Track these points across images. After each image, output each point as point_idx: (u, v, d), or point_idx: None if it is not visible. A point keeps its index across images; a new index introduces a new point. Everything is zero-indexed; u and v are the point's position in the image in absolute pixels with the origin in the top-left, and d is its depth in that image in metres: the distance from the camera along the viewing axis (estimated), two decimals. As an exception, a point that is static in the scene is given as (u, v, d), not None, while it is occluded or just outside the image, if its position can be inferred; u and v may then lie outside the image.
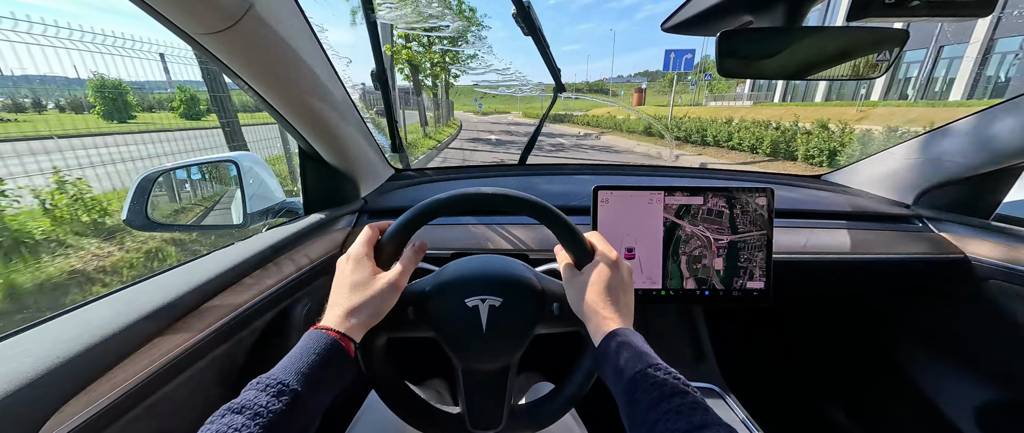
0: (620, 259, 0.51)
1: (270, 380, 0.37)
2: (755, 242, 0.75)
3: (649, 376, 0.38)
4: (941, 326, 1.02)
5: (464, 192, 0.52)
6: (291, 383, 0.37)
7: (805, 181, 1.27)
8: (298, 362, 0.40)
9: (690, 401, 0.36)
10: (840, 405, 1.24)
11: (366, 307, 0.47)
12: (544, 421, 0.57)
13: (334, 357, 0.42)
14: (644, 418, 0.36)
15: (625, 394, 0.39)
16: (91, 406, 0.42)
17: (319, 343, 0.42)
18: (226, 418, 0.33)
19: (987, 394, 0.94)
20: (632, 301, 0.51)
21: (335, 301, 0.48)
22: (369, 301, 0.48)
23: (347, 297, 0.47)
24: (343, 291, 0.48)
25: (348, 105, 0.87)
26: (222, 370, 0.65)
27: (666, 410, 0.35)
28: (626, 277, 0.51)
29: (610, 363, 0.42)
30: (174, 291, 0.55)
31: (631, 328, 0.46)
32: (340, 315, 0.46)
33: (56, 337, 0.44)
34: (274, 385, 0.37)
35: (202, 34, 0.50)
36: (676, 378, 0.38)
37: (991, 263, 0.87)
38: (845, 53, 0.52)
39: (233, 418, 0.33)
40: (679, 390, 0.37)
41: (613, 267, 0.50)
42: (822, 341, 1.30)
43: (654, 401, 0.36)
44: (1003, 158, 0.88)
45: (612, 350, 0.43)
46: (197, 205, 1.19)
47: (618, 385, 0.41)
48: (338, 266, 0.50)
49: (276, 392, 0.36)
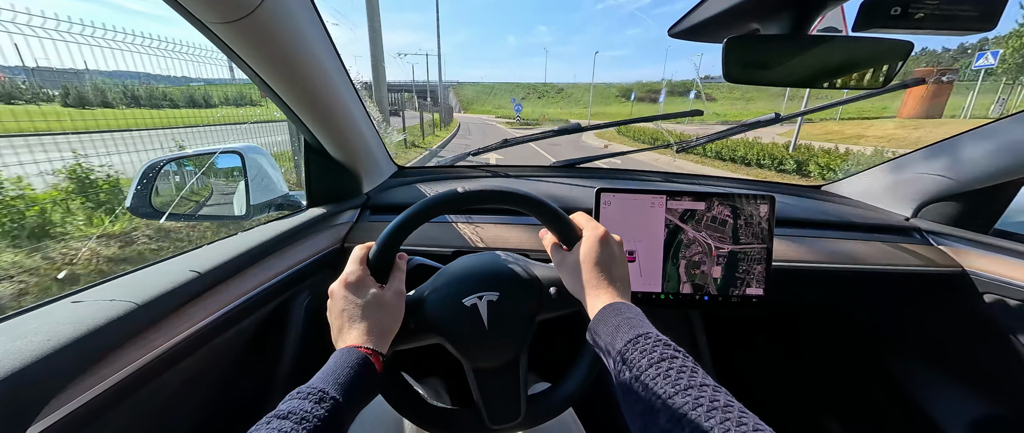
0: (608, 234, 0.51)
1: (310, 389, 0.38)
2: (755, 255, 0.76)
3: (640, 342, 0.39)
4: (938, 339, 1.03)
5: (442, 195, 0.53)
6: (330, 392, 0.38)
7: (806, 191, 1.28)
8: (335, 374, 0.40)
9: (679, 365, 0.36)
10: (835, 414, 1.24)
11: (384, 322, 0.49)
12: (558, 408, 0.57)
13: (366, 371, 0.43)
14: (635, 382, 0.36)
15: (618, 361, 0.40)
16: (91, 390, 0.43)
17: (352, 357, 0.43)
18: (272, 424, 0.34)
19: (982, 408, 0.94)
20: (626, 274, 0.51)
21: (348, 322, 0.48)
22: (385, 316, 0.49)
23: (362, 317, 0.48)
24: (354, 312, 0.48)
25: (355, 100, 0.88)
26: (222, 358, 0.66)
27: (655, 374, 0.35)
28: (616, 251, 0.51)
29: (605, 333, 0.43)
30: (175, 279, 0.56)
31: (626, 301, 0.46)
32: (362, 333, 0.46)
33: (57, 321, 0.44)
34: (315, 393, 0.37)
35: (216, 23, 0.51)
36: (667, 344, 0.39)
37: (989, 278, 0.88)
38: (850, 63, 0.53)
39: (281, 423, 0.34)
40: (669, 354, 0.37)
41: (602, 242, 0.50)
42: (819, 350, 1.30)
43: (644, 366, 0.36)
44: (1002, 173, 0.89)
45: (606, 321, 0.43)
46: (201, 195, 1.19)
47: (610, 354, 0.41)
48: (335, 293, 0.50)
49: (318, 399, 0.37)
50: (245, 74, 0.63)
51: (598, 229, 0.51)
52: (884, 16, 0.46)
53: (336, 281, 0.51)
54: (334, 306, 0.49)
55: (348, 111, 0.85)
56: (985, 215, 0.99)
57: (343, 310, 0.48)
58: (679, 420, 0.31)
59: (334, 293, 0.50)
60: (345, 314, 0.48)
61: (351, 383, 0.40)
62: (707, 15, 0.58)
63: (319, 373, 0.41)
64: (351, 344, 0.45)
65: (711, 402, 0.32)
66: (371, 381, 0.43)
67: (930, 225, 1.02)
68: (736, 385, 1.46)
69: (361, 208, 1.02)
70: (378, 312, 0.49)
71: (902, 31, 0.48)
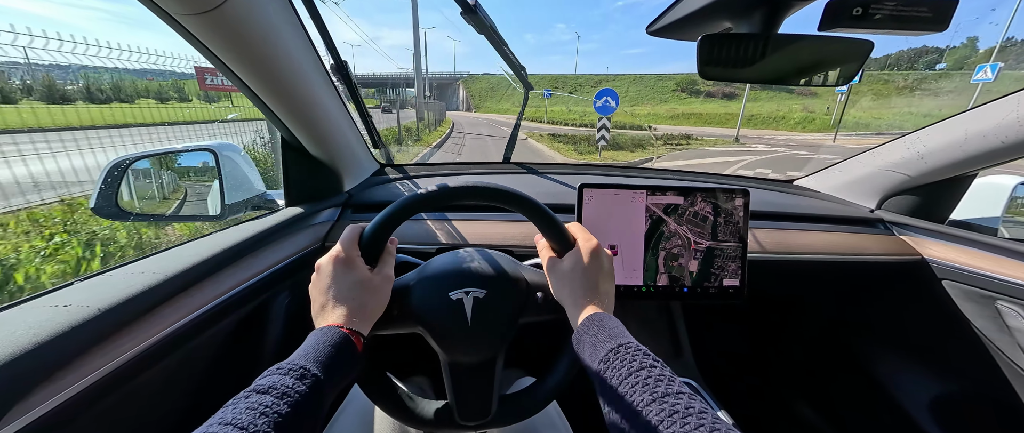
0: (600, 248, 0.52)
1: (292, 365, 0.37)
2: (731, 252, 0.79)
3: (620, 353, 0.40)
4: (900, 323, 1.09)
5: (443, 186, 0.52)
6: (311, 369, 0.37)
7: (778, 186, 1.33)
8: (316, 352, 0.40)
9: (657, 374, 0.37)
10: (806, 398, 1.30)
11: (368, 303, 0.48)
12: (530, 409, 0.58)
13: (347, 351, 0.42)
14: (614, 392, 0.37)
15: (598, 372, 0.41)
16: (61, 394, 0.41)
17: (332, 336, 0.42)
18: (252, 398, 0.33)
19: (941, 386, 1.00)
20: (612, 288, 0.52)
21: (333, 300, 0.47)
22: (370, 298, 0.48)
23: (346, 296, 0.47)
24: (339, 290, 0.47)
25: (333, 96, 0.86)
26: (199, 360, 0.64)
27: (633, 383, 0.36)
28: (606, 265, 0.52)
29: (586, 344, 0.44)
30: (151, 279, 0.54)
31: (610, 314, 0.47)
32: (344, 313, 0.46)
33: (27, 321, 0.42)
34: (297, 369, 0.37)
35: (184, 15, 0.49)
36: (646, 354, 0.40)
37: (945, 264, 0.93)
38: (816, 60, 0.55)
39: (261, 398, 0.33)
40: (647, 364, 0.38)
41: (593, 255, 0.51)
42: (791, 337, 1.36)
43: (624, 375, 0.38)
44: (957, 167, 0.95)
45: (589, 332, 0.44)
46: (172, 194, 1.15)
47: (592, 364, 0.42)
48: (322, 268, 0.49)
49: (299, 376, 0.36)
50: (216, 68, 0.61)
51: (591, 241, 0.52)
52: (847, 16, 0.49)
53: (325, 256, 0.50)
54: (320, 282, 0.48)
55: (326, 107, 0.84)
56: (942, 207, 1.05)
57: (329, 287, 0.47)
58: (655, 427, 0.33)
59: (321, 268, 0.49)
60: (330, 291, 0.47)
61: (331, 362, 0.40)
62: (682, 13, 0.60)
63: (299, 350, 0.40)
64: (333, 323, 0.44)
65: (686, 409, 0.33)
66: (351, 361, 0.42)
67: (892, 216, 1.07)
68: (714, 374, 1.51)
69: (342, 207, 1.00)
70: (364, 294, 0.48)
71: (863, 31, 0.51)
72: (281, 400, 0.33)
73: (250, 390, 0.34)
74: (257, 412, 0.31)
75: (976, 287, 0.88)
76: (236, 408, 0.32)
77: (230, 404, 0.33)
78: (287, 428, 0.32)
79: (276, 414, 0.32)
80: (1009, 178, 1.06)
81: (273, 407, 0.32)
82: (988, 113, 0.85)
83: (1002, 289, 0.84)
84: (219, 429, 0.29)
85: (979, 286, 0.88)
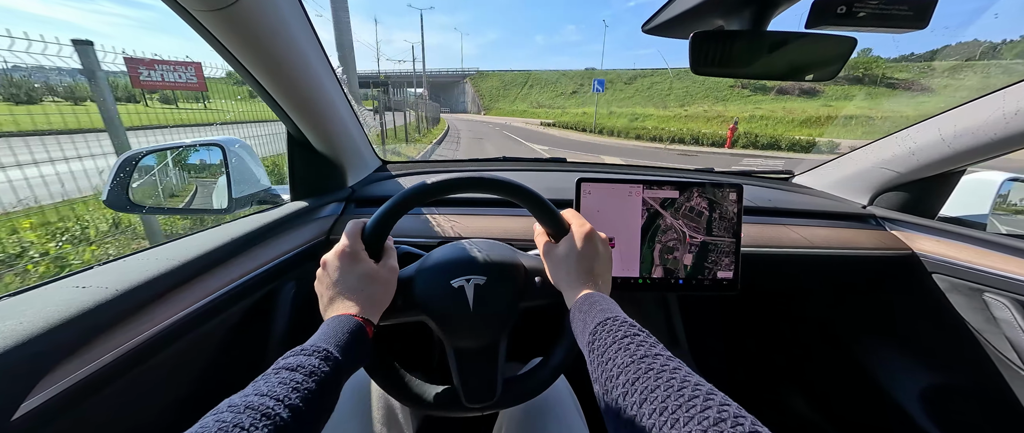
0: (594, 232, 0.54)
1: (315, 347, 0.39)
2: (725, 248, 0.81)
3: (607, 325, 0.42)
4: (891, 316, 1.11)
5: (440, 180, 0.54)
6: (333, 352, 0.40)
7: (774, 183, 1.35)
8: (335, 337, 0.42)
9: (640, 340, 0.39)
10: (799, 390, 1.32)
11: (377, 294, 0.50)
12: (534, 389, 0.60)
13: (361, 337, 0.44)
14: (600, 360, 0.40)
15: (588, 344, 0.43)
16: (84, 368, 0.43)
17: (347, 324, 0.44)
18: (282, 374, 0.35)
19: (931, 377, 1.03)
20: (607, 271, 0.54)
21: (341, 293, 0.48)
22: (378, 288, 0.50)
23: (355, 287, 0.49)
24: (348, 283, 0.49)
25: (339, 93, 0.89)
26: (211, 342, 0.66)
27: (617, 349, 0.39)
28: (601, 249, 0.53)
29: (579, 321, 0.46)
30: (165, 265, 0.56)
31: (605, 295, 0.49)
32: (355, 304, 0.48)
33: (41, 306, 0.44)
34: (321, 350, 0.39)
35: (202, 11, 0.51)
36: (632, 324, 0.42)
37: (935, 259, 0.96)
38: (803, 56, 0.58)
39: (291, 374, 0.35)
40: (631, 333, 0.40)
41: (587, 239, 0.52)
42: (785, 330, 1.38)
43: (609, 343, 0.40)
44: (945, 163, 0.97)
45: (581, 310, 0.47)
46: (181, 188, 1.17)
47: (583, 337, 0.44)
48: (329, 263, 0.51)
49: (323, 357, 0.38)
50: (229, 64, 0.63)
51: (584, 226, 0.54)
52: (832, 14, 0.51)
53: (329, 252, 0.51)
54: (327, 276, 0.50)
55: (332, 103, 0.86)
56: (932, 202, 1.07)
57: (337, 280, 0.49)
58: (633, 382, 0.35)
59: (327, 263, 0.51)
60: (338, 284, 0.49)
61: (348, 346, 0.42)
62: (676, 12, 0.62)
63: (318, 334, 0.42)
64: (345, 312, 0.46)
65: (661, 367, 0.35)
66: (364, 347, 0.45)
67: (884, 212, 1.10)
68: (709, 367, 1.52)
69: (346, 201, 1.02)
70: (372, 285, 0.50)
71: (848, 28, 0.53)
72: (310, 378, 0.36)
73: (279, 367, 0.36)
74: (289, 387, 0.34)
75: (964, 280, 0.91)
76: (268, 382, 0.34)
77: (260, 379, 0.35)
78: (313, 403, 0.35)
79: (306, 390, 0.34)
80: (996, 174, 1.08)
81: (303, 383, 0.35)
82: (975, 110, 0.87)
83: (989, 281, 0.86)
84: (256, 399, 0.31)
85: (967, 279, 0.90)
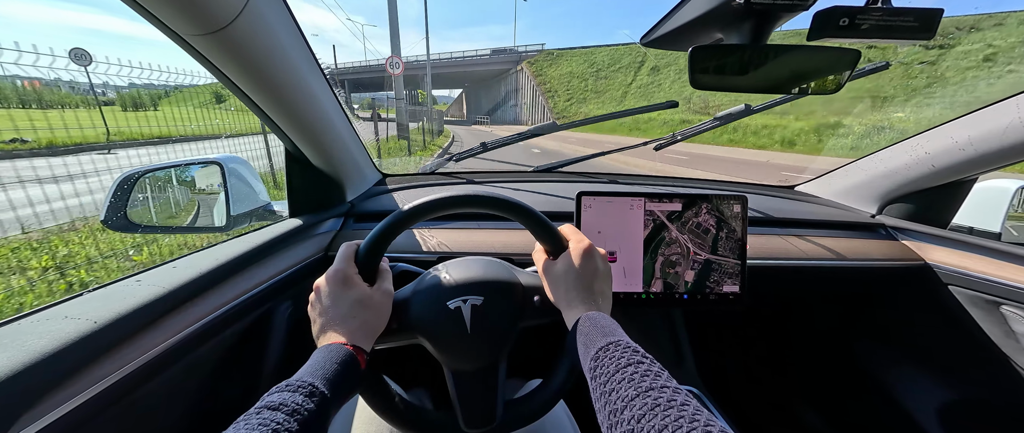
0: (593, 248, 0.52)
1: (300, 382, 0.38)
2: (728, 269, 0.78)
3: (610, 350, 0.40)
4: (905, 329, 1.08)
5: (433, 198, 0.53)
6: (319, 386, 0.38)
7: (779, 191, 1.33)
8: (322, 369, 0.41)
9: (644, 369, 0.37)
10: (811, 405, 1.28)
11: (370, 320, 0.49)
12: (535, 414, 0.58)
13: (351, 368, 0.43)
14: (603, 389, 0.38)
15: (590, 370, 0.41)
16: (65, 404, 0.42)
17: (338, 354, 0.43)
18: (263, 415, 0.34)
19: (947, 394, 0.99)
20: (608, 288, 0.52)
21: (333, 320, 0.47)
22: (371, 314, 0.49)
23: (347, 314, 0.48)
24: (339, 309, 0.48)
25: (335, 108, 0.88)
26: (204, 369, 0.65)
27: (620, 379, 0.37)
28: (600, 265, 0.52)
29: (580, 344, 0.44)
30: (155, 292, 0.55)
31: (605, 313, 0.47)
32: (347, 330, 0.46)
33: (33, 333, 0.44)
34: (305, 386, 0.38)
35: (194, 36, 0.51)
36: (635, 350, 0.40)
37: (950, 270, 0.93)
38: (804, 69, 0.56)
39: (272, 414, 0.34)
40: (635, 361, 0.39)
41: (586, 255, 0.51)
42: (794, 344, 1.34)
43: (612, 371, 0.38)
44: (957, 171, 0.94)
45: (582, 331, 0.45)
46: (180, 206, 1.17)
47: (585, 362, 0.42)
48: (321, 288, 0.50)
49: (308, 393, 0.37)
50: (223, 84, 0.63)
51: (583, 242, 0.52)
52: (834, 26, 0.50)
53: (322, 277, 0.50)
54: (319, 302, 0.49)
55: (329, 119, 0.86)
56: (944, 211, 1.04)
57: (328, 307, 0.48)
58: (639, 420, 0.33)
59: (319, 288, 0.50)
60: (330, 311, 0.48)
61: (337, 378, 0.40)
62: (675, 25, 0.61)
63: (305, 367, 0.41)
64: (336, 341, 0.45)
65: (668, 402, 0.33)
66: (355, 378, 0.43)
67: (894, 221, 1.07)
68: (717, 382, 1.49)
69: (345, 216, 1.01)
70: (365, 311, 0.49)
71: (850, 40, 0.52)
72: (291, 417, 0.34)
73: (260, 406, 0.35)
74: (269, 429, 0.32)
75: (980, 292, 0.88)
76: (248, 424, 0.33)
77: (241, 420, 0.34)
78: None
79: (286, 431, 0.33)
80: (1010, 182, 1.06)
81: (284, 424, 0.33)
82: (989, 116, 0.85)
83: (1006, 294, 0.83)
84: None
85: (983, 291, 0.87)
